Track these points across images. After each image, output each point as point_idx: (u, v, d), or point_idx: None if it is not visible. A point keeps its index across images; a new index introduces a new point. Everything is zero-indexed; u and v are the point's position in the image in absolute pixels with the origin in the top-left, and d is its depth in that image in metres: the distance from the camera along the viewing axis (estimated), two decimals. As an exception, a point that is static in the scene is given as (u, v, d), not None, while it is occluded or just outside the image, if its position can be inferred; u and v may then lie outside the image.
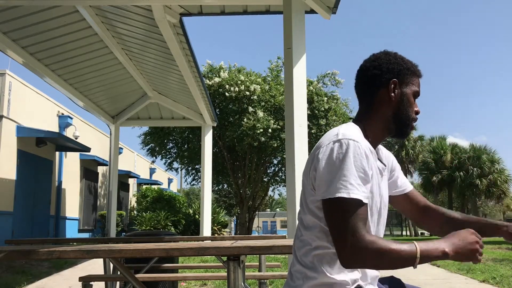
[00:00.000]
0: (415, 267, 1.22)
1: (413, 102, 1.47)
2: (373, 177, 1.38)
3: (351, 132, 1.36)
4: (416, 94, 1.49)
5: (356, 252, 1.21)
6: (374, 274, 1.45)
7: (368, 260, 1.21)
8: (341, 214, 1.24)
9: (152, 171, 25.51)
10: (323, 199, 1.28)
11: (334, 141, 1.32)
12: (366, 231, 1.23)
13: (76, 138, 13.69)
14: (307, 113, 4.67)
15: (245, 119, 14.79)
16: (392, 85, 1.44)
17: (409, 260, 1.21)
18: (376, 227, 1.45)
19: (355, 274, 1.38)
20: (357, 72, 1.52)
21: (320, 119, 16.23)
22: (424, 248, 1.22)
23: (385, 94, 1.45)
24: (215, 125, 12.13)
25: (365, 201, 1.27)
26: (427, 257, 1.22)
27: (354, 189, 1.25)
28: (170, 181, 29.86)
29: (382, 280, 1.57)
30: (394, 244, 1.22)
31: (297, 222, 1.48)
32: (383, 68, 1.45)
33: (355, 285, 1.36)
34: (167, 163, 18.61)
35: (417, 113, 1.49)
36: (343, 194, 1.24)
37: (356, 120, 1.49)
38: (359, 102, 1.52)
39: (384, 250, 1.21)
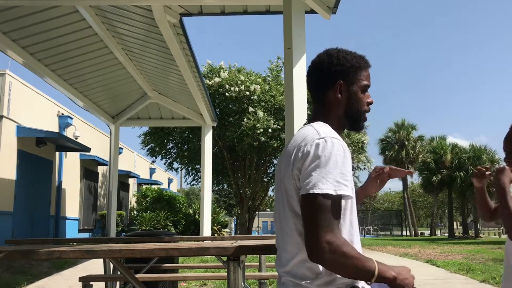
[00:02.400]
0: (370, 283, 1.28)
1: (362, 97, 1.50)
2: None
3: (329, 130, 1.39)
4: (366, 87, 1.51)
5: (328, 250, 1.23)
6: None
7: (333, 259, 1.24)
8: (322, 210, 1.25)
9: (152, 171, 25.51)
10: (305, 194, 1.28)
11: (318, 139, 1.33)
12: (339, 232, 1.27)
13: (76, 138, 13.69)
14: (307, 113, 4.67)
15: (245, 119, 14.79)
16: (338, 87, 1.47)
17: (367, 274, 1.26)
18: (355, 223, 1.45)
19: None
20: (306, 74, 1.58)
21: (320, 119, 16.20)
22: (381, 268, 1.27)
23: (332, 95, 1.48)
24: (215, 125, 12.13)
25: (352, 195, 1.32)
26: (382, 277, 1.27)
27: (341, 186, 1.27)
28: (170, 181, 29.86)
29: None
30: (362, 255, 1.27)
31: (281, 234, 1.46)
32: (325, 71, 1.48)
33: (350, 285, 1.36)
34: (167, 163, 18.62)
35: (369, 103, 1.53)
36: (329, 191, 1.26)
37: (314, 119, 1.51)
38: (313, 102, 1.58)
39: (352, 255, 1.24)
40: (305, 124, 1.54)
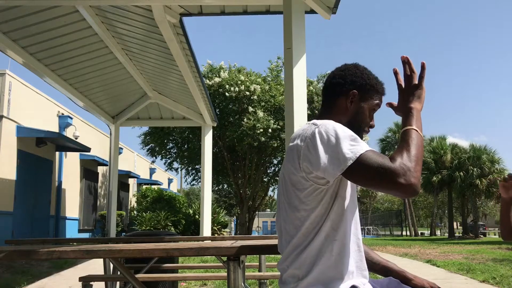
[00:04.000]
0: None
1: (367, 116, 1.57)
2: None
3: (324, 119, 1.43)
4: (374, 109, 1.59)
5: (404, 174, 1.24)
6: (365, 273, 1.46)
7: (414, 170, 1.26)
8: (371, 166, 1.27)
9: (152, 171, 25.51)
10: (344, 171, 1.29)
11: (317, 126, 1.37)
12: (391, 162, 1.28)
13: (76, 138, 13.69)
14: (307, 113, 4.67)
15: (245, 119, 14.79)
16: (351, 96, 1.54)
17: (421, 138, 1.36)
18: (355, 223, 1.46)
19: (347, 266, 1.38)
20: (327, 76, 1.64)
21: (320, 119, 16.21)
22: (418, 125, 1.39)
23: (343, 102, 1.55)
24: (215, 125, 12.13)
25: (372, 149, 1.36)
26: (420, 124, 1.41)
27: (362, 144, 1.31)
28: (170, 181, 29.86)
29: (381, 281, 1.58)
30: (412, 146, 1.32)
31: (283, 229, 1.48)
32: (347, 79, 1.55)
33: (350, 284, 1.37)
34: (167, 163, 18.62)
35: (371, 126, 1.60)
36: (360, 151, 1.29)
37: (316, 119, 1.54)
38: (322, 104, 1.62)
39: (413, 155, 1.29)
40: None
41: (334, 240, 1.37)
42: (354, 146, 1.29)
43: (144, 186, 18.76)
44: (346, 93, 1.54)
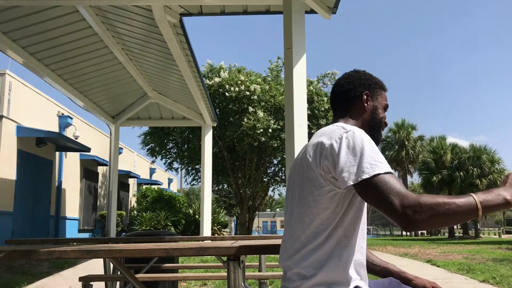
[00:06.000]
0: (479, 219, 1.23)
1: (381, 112, 1.65)
2: None
3: (353, 126, 1.44)
4: (385, 107, 1.67)
5: (413, 212, 1.19)
6: (364, 274, 1.46)
7: (426, 215, 1.18)
8: (383, 185, 1.25)
9: (152, 171, 25.50)
10: (357, 183, 1.28)
11: (346, 132, 1.37)
12: (411, 192, 1.23)
13: (76, 138, 13.69)
14: (307, 113, 4.66)
15: (245, 119, 14.79)
16: (365, 97, 1.62)
17: (470, 212, 1.20)
18: (362, 233, 1.46)
19: (354, 274, 1.38)
20: (332, 88, 1.71)
21: (320, 119, 16.23)
22: (483, 198, 1.22)
23: (359, 104, 1.62)
24: (215, 125, 12.12)
25: (394, 173, 1.32)
26: (489, 207, 1.20)
27: (384, 165, 1.29)
28: (170, 181, 29.85)
29: (380, 282, 1.58)
30: (449, 197, 1.22)
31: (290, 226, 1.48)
32: (356, 83, 1.64)
33: (353, 285, 1.37)
34: (167, 163, 18.62)
35: (386, 124, 1.67)
36: (378, 170, 1.27)
37: (334, 122, 1.58)
38: (336, 113, 1.66)
39: (440, 202, 1.20)
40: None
41: (345, 247, 1.37)
42: (375, 163, 1.29)
43: (144, 186, 18.75)
44: (360, 96, 1.62)
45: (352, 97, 1.62)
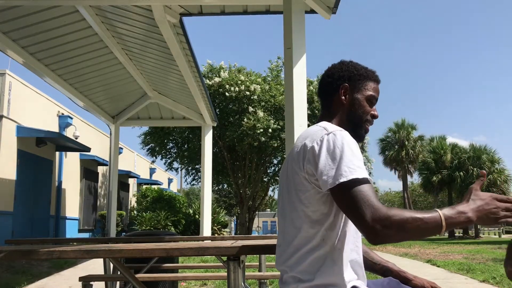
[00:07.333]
0: (441, 234, 1.24)
1: (365, 105, 1.55)
2: None
3: (335, 126, 1.42)
4: (371, 98, 1.56)
5: (382, 227, 1.20)
6: (363, 279, 1.45)
7: (394, 230, 1.20)
8: (358, 194, 1.24)
9: (152, 171, 25.50)
10: (333, 186, 1.28)
11: (327, 134, 1.36)
12: (382, 205, 1.23)
13: (76, 138, 13.69)
14: (307, 113, 4.66)
15: (245, 119, 14.79)
16: (342, 90, 1.54)
17: (434, 228, 1.21)
18: (356, 231, 1.45)
19: (351, 275, 1.38)
20: (319, 81, 1.66)
21: (320, 119, 16.21)
22: (448, 215, 1.23)
23: (337, 99, 1.55)
24: (215, 125, 12.12)
25: (371, 181, 1.30)
26: (452, 224, 1.23)
27: (362, 170, 1.28)
28: (170, 181, 29.85)
29: (380, 282, 1.58)
30: (416, 213, 1.23)
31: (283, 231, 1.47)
32: (335, 76, 1.57)
33: (350, 285, 1.37)
34: (167, 163, 18.63)
35: (373, 116, 1.57)
36: (355, 175, 1.26)
37: (318, 122, 1.54)
38: (321, 108, 1.63)
39: (408, 218, 1.21)
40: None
41: (339, 249, 1.36)
42: (354, 168, 1.27)
43: (144, 186, 18.76)
44: (338, 89, 1.55)
45: (331, 91, 1.57)
